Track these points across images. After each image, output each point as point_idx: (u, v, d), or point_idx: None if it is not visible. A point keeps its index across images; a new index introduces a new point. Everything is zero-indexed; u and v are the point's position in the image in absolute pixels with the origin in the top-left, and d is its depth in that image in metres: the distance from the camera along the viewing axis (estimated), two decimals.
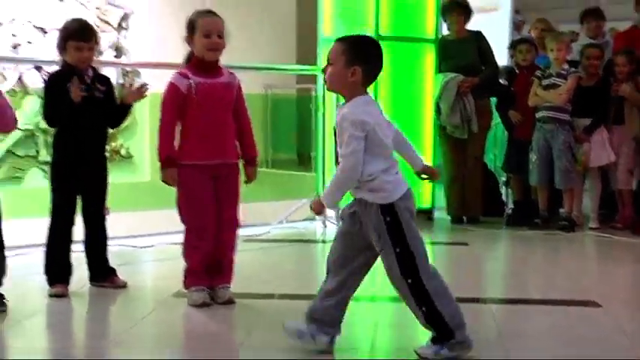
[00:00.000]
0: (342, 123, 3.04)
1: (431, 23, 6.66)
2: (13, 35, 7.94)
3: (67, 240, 4.11)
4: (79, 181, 4.11)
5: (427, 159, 6.68)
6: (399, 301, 3.23)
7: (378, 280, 3.44)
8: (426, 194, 6.70)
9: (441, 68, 6.60)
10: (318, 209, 3.19)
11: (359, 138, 3.01)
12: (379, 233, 3.04)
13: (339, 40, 3.19)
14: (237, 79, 4.03)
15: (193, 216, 3.89)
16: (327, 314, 3.14)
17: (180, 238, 3.99)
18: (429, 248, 6.01)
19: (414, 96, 6.60)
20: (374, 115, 3.10)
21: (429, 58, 6.64)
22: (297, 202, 6.69)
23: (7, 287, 3.84)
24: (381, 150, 3.09)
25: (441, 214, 6.80)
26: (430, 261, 3.13)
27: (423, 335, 3.16)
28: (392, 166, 3.15)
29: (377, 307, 4.03)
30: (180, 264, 4.00)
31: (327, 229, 6.47)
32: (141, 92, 4.23)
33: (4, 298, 3.81)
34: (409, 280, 3.04)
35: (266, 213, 6.46)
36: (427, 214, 6.71)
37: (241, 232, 4.25)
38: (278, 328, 3.27)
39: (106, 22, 8.31)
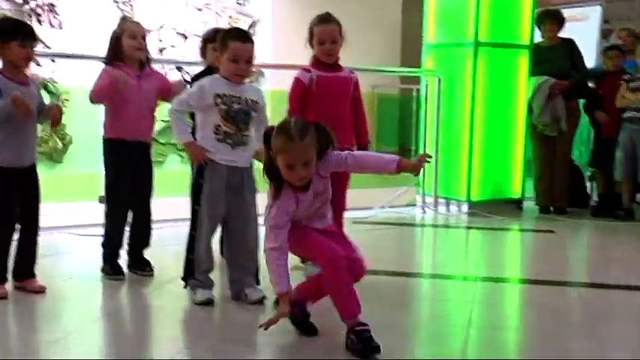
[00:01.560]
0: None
1: (526, 30, 6.47)
2: (160, 40, 8.17)
3: None
4: None
5: (519, 153, 6.51)
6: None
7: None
8: (516, 185, 6.53)
9: (534, 72, 6.41)
10: None
11: None
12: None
13: None
14: (356, 75, 4.00)
15: None
16: None
17: None
18: (518, 235, 5.88)
19: (509, 97, 6.43)
20: None
21: (524, 62, 6.45)
22: (398, 189, 6.62)
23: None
24: None
25: (529, 205, 6.60)
26: (518, 245, 3.01)
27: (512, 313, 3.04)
28: None
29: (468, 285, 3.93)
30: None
31: (426, 214, 6.38)
32: None
33: (148, 265, 3.92)
34: None
35: (370, 199, 6.41)
36: (517, 204, 6.54)
37: (348, 214, 4.22)
38: (381, 301, 3.22)
39: None
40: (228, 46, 3.33)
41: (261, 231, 2.94)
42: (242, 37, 3.39)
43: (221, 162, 3.35)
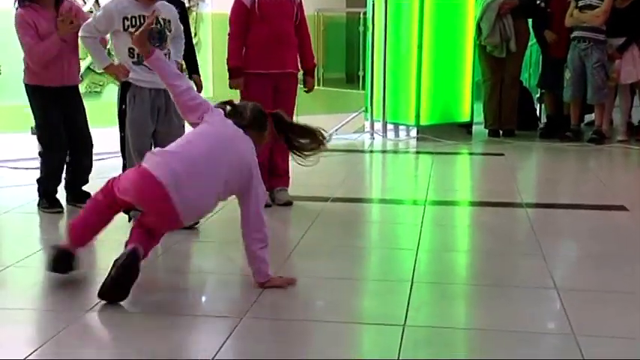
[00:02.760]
0: None
1: None
2: None
3: None
4: None
5: (467, 77, 6.57)
6: None
7: None
8: (465, 109, 6.60)
9: None
10: None
11: None
12: None
13: None
14: None
15: None
16: None
17: None
18: (467, 159, 6.00)
19: (457, 18, 6.43)
20: None
21: None
22: (346, 116, 6.64)
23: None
24: None
25: (479, 128, 6.70)
26: (468, 169, 3.09)
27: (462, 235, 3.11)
28: None
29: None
30: None
31: (375, 140, 6.43)
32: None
33: (88, 197, 3.88)
34: None
35: (320, 125, 6.41)
36: (466, 128, 6.62)
37: None
38: (331, 227, 3.28)
39: None
40: None
41: None
42: None
43: (143, 85, 3.34)
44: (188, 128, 3.47)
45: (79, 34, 3.40)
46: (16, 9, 3.68)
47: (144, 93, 3.34)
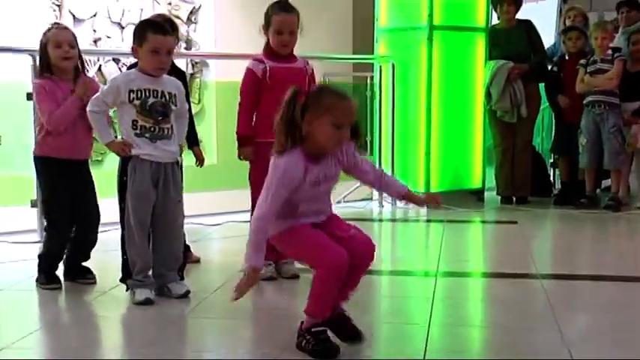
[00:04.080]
0: None
1: (482, 13, 6.60)
2: (94, 30, 8.07)
3: None
4: None
5: (478, 142, 6.64)
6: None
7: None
8: (477, 175, 6.65)
9: (491, 56, 6.54)
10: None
11: None
12: None
13: None
14: (311, 65, 4.04)
15: None
16: None
17: (245, 217, 4.02)
18: (480, 227, 6.00)
19: (466, 83, 6.55)
20: None
21: (480, 46, 6.58)
22: (354, 183, 6.67)
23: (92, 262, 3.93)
24: None
25: (491, 195, 6.74)
26: (480, 238, 3.12)
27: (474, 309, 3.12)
28: None
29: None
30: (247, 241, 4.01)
31: (384, 208, 6.46)
32: None
33: (90, 272, 3.91)
34: None
35: None
36: (478, 195, 6.66)
37: None
38: None
39: (177, 17, 8.38)
40: (148, 39, 3.41)
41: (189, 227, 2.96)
42: (162, 29, 3.48)
43: (144, 157, 3.43)
44: (187, 202, 3.55)
45: (87, 107, 3.49)
46: (35, 80, 3.85)
47: (145, 165, 3.43)
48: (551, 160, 7.20)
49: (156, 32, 3.43)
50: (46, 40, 3.75)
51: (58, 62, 3.73)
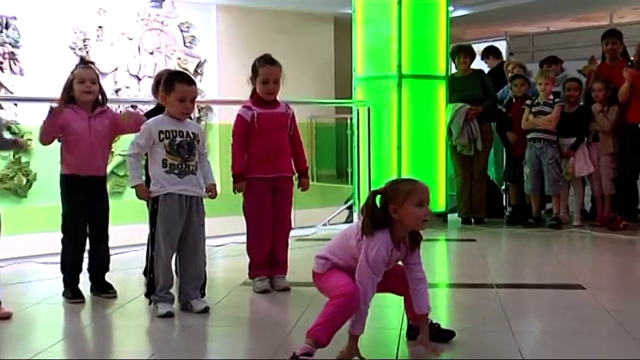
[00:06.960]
0: None
1: (442, 63, 6.64)
2: (115, 82, 8.12)
3: None
4: None
5: (442, 172, 6.67)
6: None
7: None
8: (441, 200, 6.67)
9: (451, 99, 6.59)
10: None
11: None
12: None
13: None
14: (292, 109, 4.06)
15: (256, 219, 3.93)
16: None
17: (244, 238, 4.02)
18: (444, 245, 6.01)
19: (431, 122, 6.59)
20: None
21: (442, 91, 6.62)
22: (337, 208, 6.70)
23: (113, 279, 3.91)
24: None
25: (453, 217, 6.75)
26: (444, 254, 3.12)
27: (441, 314, 3.12)
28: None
29: None
30: (246, 259, 4.02)
31: None
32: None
33: (111, 288, 3.88)
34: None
35: (313, 218, 6.48)
36: (442, 217, 6.68)
37: (293, 233, 4.26)
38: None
39: (186, 69, 8.44)
40: (175, 88, 3.41)
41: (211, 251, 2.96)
42: (188, 79, 3.50)
43: (173, 191, 3.41)
44: (208, 227, 3.52)
45: (126, 152, 3.49)
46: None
47: (174, 196, 3.42)
48: (503, 187, 7.24)
49: (182, 82, 3.44)
50: (72, 76, 3.80)
51: (80, 95, 3.77)
